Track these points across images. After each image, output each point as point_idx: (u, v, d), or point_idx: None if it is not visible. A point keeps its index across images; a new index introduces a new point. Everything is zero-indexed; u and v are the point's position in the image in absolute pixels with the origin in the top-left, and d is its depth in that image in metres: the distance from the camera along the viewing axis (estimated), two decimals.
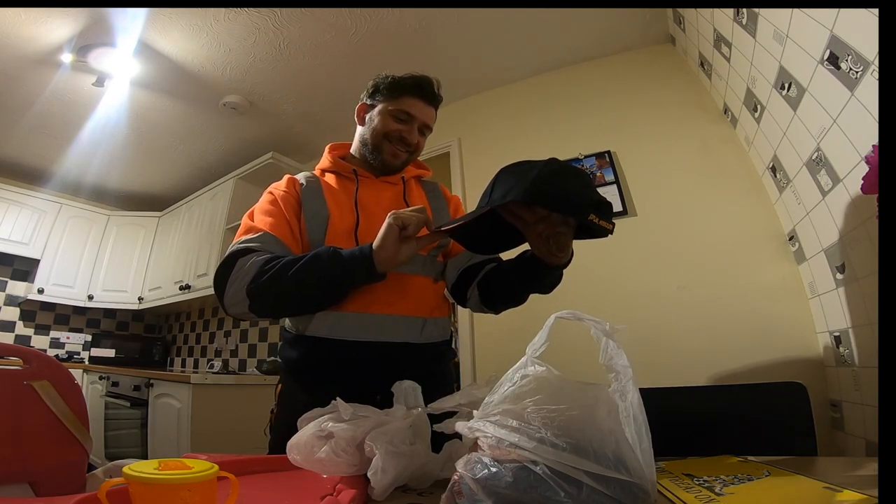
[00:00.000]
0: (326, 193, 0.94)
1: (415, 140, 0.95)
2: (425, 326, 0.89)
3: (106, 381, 2.88)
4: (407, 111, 0.93)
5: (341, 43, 2.11)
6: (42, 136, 2.87)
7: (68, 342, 3.59)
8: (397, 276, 0.85)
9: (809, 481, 0.53)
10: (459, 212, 1.08)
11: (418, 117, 0.94)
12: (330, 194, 0.94)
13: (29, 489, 0.70)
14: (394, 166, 0.97)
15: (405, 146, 0.95)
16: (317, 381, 0.86)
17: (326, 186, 0.96)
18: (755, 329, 1.56)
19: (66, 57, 2.11)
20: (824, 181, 1.17)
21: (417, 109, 0.94)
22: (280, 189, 0.94)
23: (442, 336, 0.94)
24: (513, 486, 0.38)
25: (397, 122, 0.94)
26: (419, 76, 0.95)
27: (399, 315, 0.87)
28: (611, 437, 0.40)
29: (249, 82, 2.41)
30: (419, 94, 0.94)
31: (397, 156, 0.95)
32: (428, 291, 0.93)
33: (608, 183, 1.98)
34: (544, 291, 0.86)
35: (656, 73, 2.07)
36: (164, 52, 2.15)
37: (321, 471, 0.55)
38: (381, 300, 0.86)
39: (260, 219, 0.88)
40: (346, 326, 0.84)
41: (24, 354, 0.77)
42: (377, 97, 0.96)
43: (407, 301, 0.88)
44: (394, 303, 0.87)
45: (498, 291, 0.91)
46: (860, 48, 0.89)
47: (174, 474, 0.37)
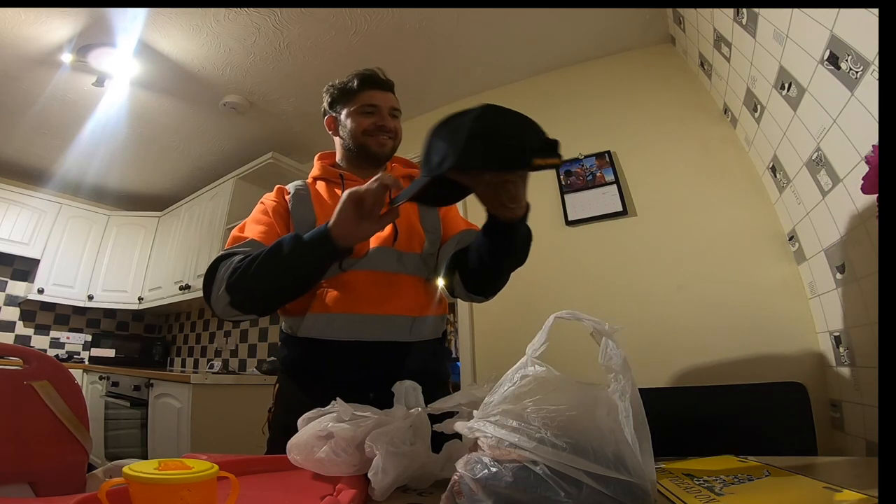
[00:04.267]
0: (314, 200, 0.97)
1: (391, 124, 0.99)
2: (413, 325, 0.90)
3: (106, 381, 2.88)
4: (369, 103, 0.98)
5: (341, 43, 2.11)
6: (42, 136, 2.87)
7: (68, 342, 3.59)
8: (387, 275, 0.90)
9: (809, 481, 0.53)
10: (452, 211, 1.07)
11: (382, 104, 0.98)
12: (318, 201, 0.97)
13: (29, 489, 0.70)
14: (384, 154, 1.00)
15: (385, 132, 0.99)
16: (311, 380, 0.88)
17: (315, 194, 0.99)
18: (755, 329, 1.56)
19: (66, 57, 2.11)
20: (824, 181, 1.17)
21: (377, 98, 0.98)
22: (270, 199, 0.98)
23: (433, 334, 0.94)
24: (513, 486, 0.38)
25: (368, 117, 0.98)
26: (362, 71, 1.01)
27: (386, 315, 0.88)
28: (611, 437, 0.39)
29: (249, 82, 2.41)
30: (372, 85, 0.99)
31: (383, 144, 0.99)
32: (418, 290, 0.94)
33: (608, 183, 1.98)
34: (517, 257, 0.84)
35: (656, 73, 2.07)
36: (164, 52, 2.15)
37: (321, 471, 0.55)
38: (369, 300, 0.88)
39: (249, 228, 0.92)
40: (335, 327, 0.86)
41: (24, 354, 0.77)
42: (337, 106, 1.02)
43: (395, 301, 0.89)
44: (381, 303, 0.88)
45: (473, 270, 0.89)
46: (860, 48, 0.89)
47: (174, 474, 0.37)
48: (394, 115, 1.00)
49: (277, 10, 1.94)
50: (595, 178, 2.01)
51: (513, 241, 0.79)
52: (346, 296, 0.87)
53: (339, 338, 0.86)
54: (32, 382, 0.74)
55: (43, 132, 2.83)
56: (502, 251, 0.82)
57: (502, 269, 0.87)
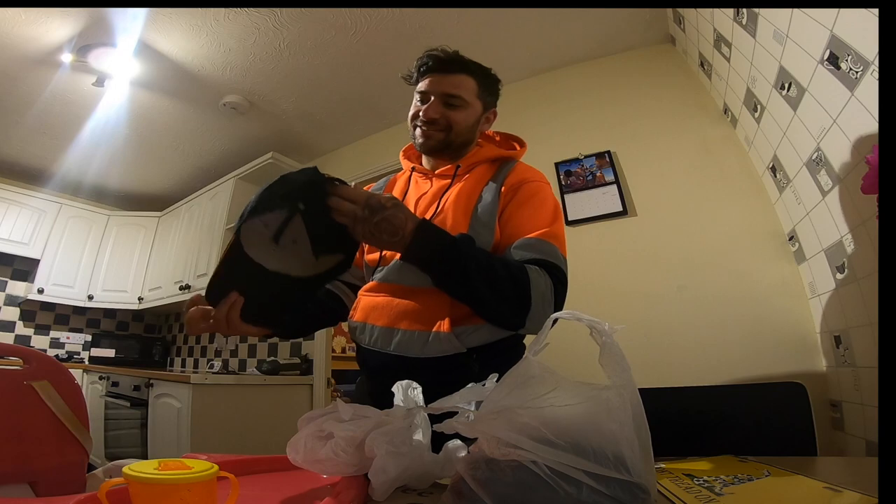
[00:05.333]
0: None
1: (432, 114, 0.89)
2: (429, 341, 0.79)
3: (106, 381, 2.88)
4: (421, 90, 0.92)
5: (341, 42, 2.11)
6: (42, 136, 2.87)
7: (68, 342, 3.59)
8: (404, 289, 0.83)
9: (809, 481, 0.53)
10: (520, 211, 0.86)
11: (433, 91, 0.90)
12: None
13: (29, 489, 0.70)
14: (426, 149, 0.93)
15: (426, 123, 0.91)
16: (366, 377, 0.92)
17: (388, 189, 1.00)
18: (755, 329, 1.56)
19: (66, 57, 2.11)
20: (824, 181, 1.17)
21: (431, 84, 0.91)
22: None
23: (456, 349, 0.79)
24: (513, 486, 0.38)
25: (417, 105, 0.92)
26: (428, 52, 0.92)
27: (397, 328, 0.82)
28: (611, 437, 0.39)
29: (249, 82, 2.41)
30: (431, 69, 0.91)
31: (429, 136, 0.91)
32: (435, 304, 0.81)
33: (608, 183, 1.98)
34: (451, 293, 0.76)
35: (656, 73, 2.07)
36: (164, 52, 2.15)
37: (321, 471, 0.55)
38: (378, 313, 0.85)
39: None
40: (360, 332, 0.88)
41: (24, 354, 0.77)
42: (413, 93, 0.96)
43: (407, 316, 0.81)
44: (392, 317, 0.83)
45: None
46: (860, 48, 0.89)
47: (174, 474, 0.37)
48: (448, 102, 0.90)
49: (277, 10, 1.94)
50: (595, 177, 2.01)
51: (441, 281, 0.73)
52: (361, 305, 0.89)
53: (363, 344, 0.88)
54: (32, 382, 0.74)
55: (43, 132, 2.83)
56: (455, 296, 0.76)
57: (486, 318, 0.77)
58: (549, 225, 0.83)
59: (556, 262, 0.79)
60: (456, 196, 0.86)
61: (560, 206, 0.90)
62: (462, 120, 0.91)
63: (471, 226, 0.83)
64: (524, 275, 0.73)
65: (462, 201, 0.85)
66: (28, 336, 3.40)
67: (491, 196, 0.86)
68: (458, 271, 0.71)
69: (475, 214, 0.84)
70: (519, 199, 0.85)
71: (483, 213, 0.84)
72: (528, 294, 0.72)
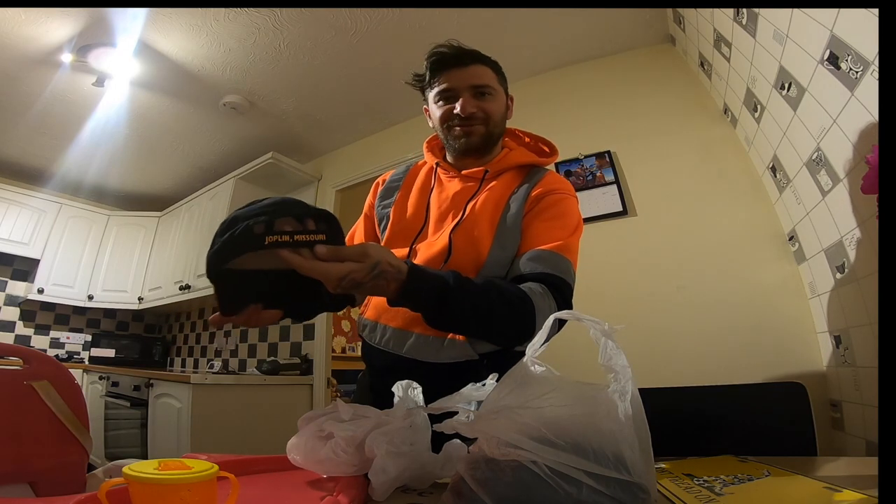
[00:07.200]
0: (400, 193, 0.95)
1: (469, 108, 0.85)
2: (443, 347, 0.78)
3: (106, 381, 2.88)
4: (445, 88, 0.87)
5: (341, 43, 2.11)
6: (42, 136, 2.87)
7: (68, 342, 3.59)
8: None
9: (809, 481, 0.53)
10: (537, 222, 0.83)
11: (460, 86, 0.86)
12: (403, 194, 0.95)
13: (29, 489, 0.70)
14: (466, 148, 0.89)
15: (464, 120, 0.86)
16: (369, 374, 0.92)
17: (407, 184, 0.97)
18: (755, 329, 1.56)
19: (66, 57, 2.11)
20: (824, 181, 1.17)
21: (455, 79, 0.86)
22: (369, 195, 1.00)
23: (468, 356, 0.78)
24: (513, 486, 0.38)
25: (446, 104, 0.88)
26: (437, 50, 0.88)
27: (411, 332, 0.81)
28: (611, 437, 0.39)
29: (249, 82, 2.41)
30: (447, 65, 0.87)
31: (470, 133, 0.87)
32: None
33: (608, 183, 1.98)
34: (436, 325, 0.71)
35: (656, 73, 2.07)
36: (164, 52, 2.15)
37: (321, 471, 0.55)
38: (392, 314, 0.83)
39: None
40: (372, 330, 0.87)
41: (24, 354, 0.77)
42: (425, 94, 0.93)
43: (422, 321, 0.76)
44: (406, 320, 0.81)
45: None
46: (860, 48, 0.89)
47: (174, 474, 0.37)
48: (480, 92, 0.86)
49: (277, 10, 1.94)
50: (595, 177, 2.01)
51: (429, 317, 0.69)
52: (374, 300, 0.89)
53: (373, 342, 0.87)
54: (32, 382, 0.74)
55: (43, 132, 2.83)
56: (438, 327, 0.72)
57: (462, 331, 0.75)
58: (565, 238, 0.80)
59: (565, 278, 0.76)
60: (483, 204, 0.84)
61: (581, 222, 0.88)
62: (496, 109, 0.89)
63: (496, 236, 0.81)
64: (526, 305, 0.70)
65: (489, 210, 0.83)
66: (28, 336, 3.40)
67: (517, 206, 0.84)
68: (451, 322, 0.70)
69: (502, 224, 0.82)
70: (541, 208, 0.84)
71: (510, 224, 0.82)
72: (531, 325, 0.69)
